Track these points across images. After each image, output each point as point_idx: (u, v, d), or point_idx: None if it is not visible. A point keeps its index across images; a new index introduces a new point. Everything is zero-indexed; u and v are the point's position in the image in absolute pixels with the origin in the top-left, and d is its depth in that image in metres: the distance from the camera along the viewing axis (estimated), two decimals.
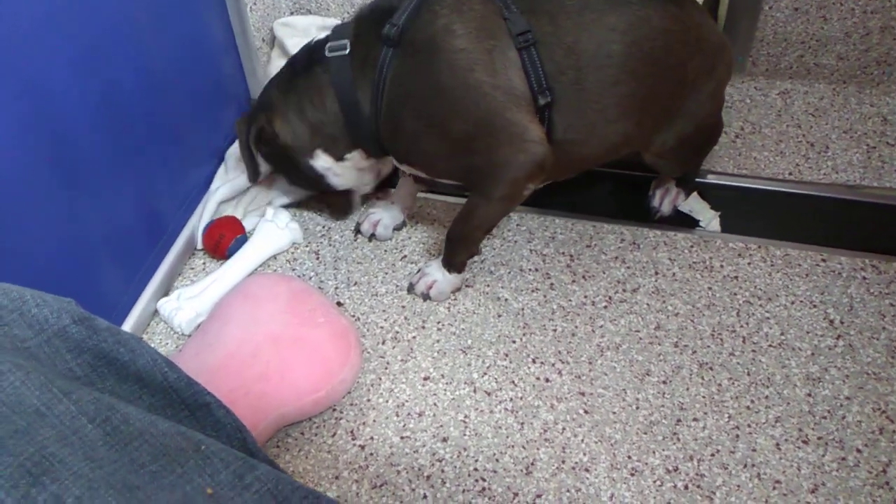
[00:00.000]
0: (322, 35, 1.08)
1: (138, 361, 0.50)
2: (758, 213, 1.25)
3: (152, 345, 1.13)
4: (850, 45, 1.39)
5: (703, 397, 1.00)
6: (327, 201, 1.28)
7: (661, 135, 1.09)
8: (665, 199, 1.24)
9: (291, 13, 1.56)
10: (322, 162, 1.12)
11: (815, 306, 1.10)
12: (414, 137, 1.02)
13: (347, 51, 1.02)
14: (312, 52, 1.07)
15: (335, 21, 1.54)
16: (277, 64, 1.44)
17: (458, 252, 1.12)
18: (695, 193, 1.24)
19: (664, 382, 1.02)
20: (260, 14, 1.41)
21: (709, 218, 1.22)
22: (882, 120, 1.37)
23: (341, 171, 1.14)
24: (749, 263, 1.16)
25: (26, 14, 0.84)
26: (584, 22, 0.96)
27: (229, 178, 1.29)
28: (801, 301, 1.10)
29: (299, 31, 1.45)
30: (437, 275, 1.13)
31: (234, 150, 1.33)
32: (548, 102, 0.96)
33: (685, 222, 1.24)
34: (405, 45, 0.97)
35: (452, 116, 0.96)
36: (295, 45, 1.40)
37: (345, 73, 1.02)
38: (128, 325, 1.10)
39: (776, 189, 1.28)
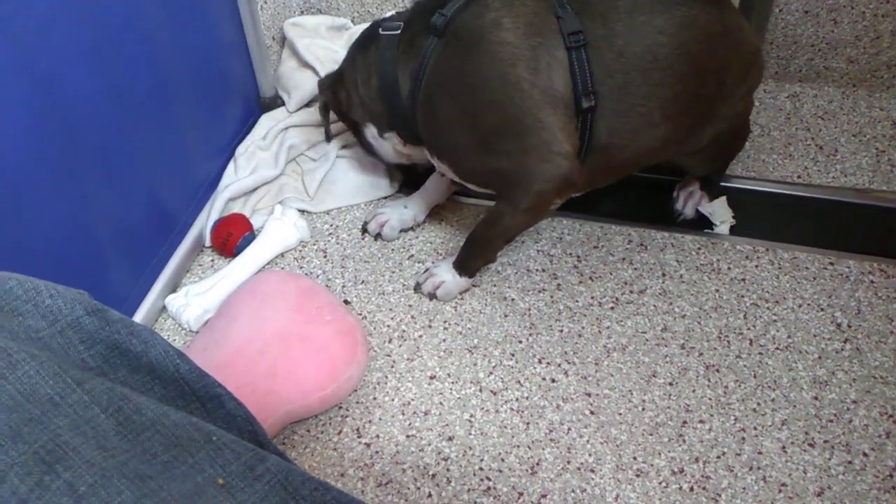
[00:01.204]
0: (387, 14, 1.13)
1: (150, 353, 0.51)
2: (766, 216, 1.24)
3: None
4: (860, 48, 1.39)
5: (710, 399, 1.00)
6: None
7: (696, 137, 1.09)
8: (689, 202, 1.24)
9: (302, 12, 1.56)
10: (371, 132, 1.16)
11: (822, 310, 1.09)
12: (446, 126, 1.02)
13: (398, 32, 1.05)
14: (371, 29, 1.10)
15: (346, 20, 1.54)
16: (288, 64, 1.44)
17: (475, 257, 1.12)
18: (723, 198, 1.24)
19: (670, 384, 1.02)
20: (270, 13, 1.42)
21: (726, 223, 1.22)
22: (892, 124, 1.36)
23: (385, 146, 1.18)
24: (757, 266, 1.16)
25: (38, 8, 0.85)
26: (635, 24, 0.96)
27: (238, 177, 1.29)
28: (809, 304, 1.10)
29: (310, 31, 1.46)
30: (447, 276, 1.13)
31: (244, 147, 1.34)
32: (591, 106, 0.96)
33: (694, 224, 1.24)
34: (450, 34, 0.98)
35: (485, 108, 0.97)
36: (305, 45, 1.41)
37: (389, 53, 1.04)
38: (136, 321, 1.11)
39: (785, 192, 1.28)
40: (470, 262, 1.12)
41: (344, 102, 1.16)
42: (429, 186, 1.25)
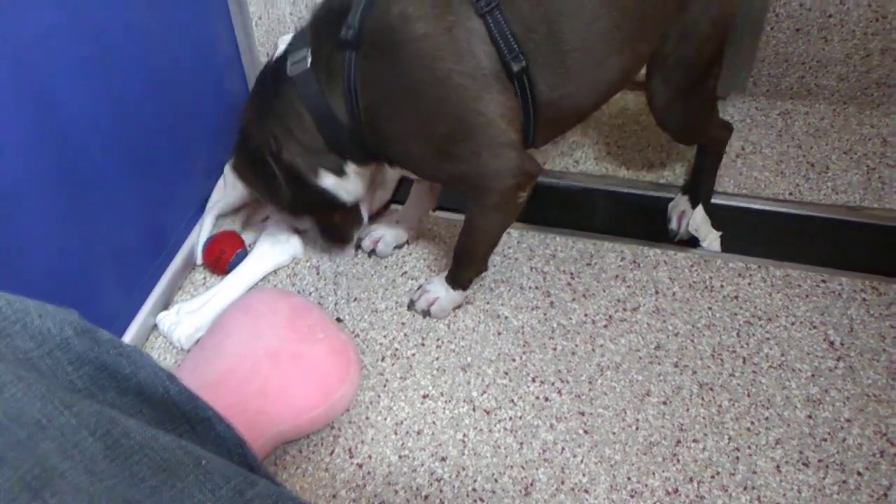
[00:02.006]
0: (281, 49, 1.01)
1: (139, 374, 0.50)
2: (758, 233, 1.25)
3: None
4: (850, 66, 1.40)
5: (704, 418, 1.00)
6: (330, 227, 1.18)
7: (659, 56, 1.03)
8: (683, 222, 1.24)
9: (296, 29, 1.57)
10: (328, 181, 1.05)
11: (815, 327, 1.09)
12: (398, 141, 0.97)
13: (309, 62, 0.95)
14: (277, 76, 0.99)
15: None
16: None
17: (464, 268, 1.11)
18: (700, 208, 1.24)
19: (664, 403, 1.02)
20: (265, 29, 1.42)
21: (710, 238, 1.22)
22: (882, 141, 1.37)
23: (349, 184, 1.07)
24: (749, 283, 1.16)
25: (35, 25, 0.85)
26: None
27: (227, 193, 1.29)
28: (802, 322, 1.10)
29: None
30: (440, 291, 1.13)
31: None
32: (522, 67, 0.90)
33: (686, 241, 1.24)
34: (366, 44, 0.91)
35: (428, 117, 0.92)
36: None
37: (311, 87, 0.95)
38: (127, 339, 1.10)
39: (777, 209, 1.28)
40: (461, 273, 1.12)
41: (279, 162, 1.01)
42: (414, 197, 1.25)
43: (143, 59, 1.06)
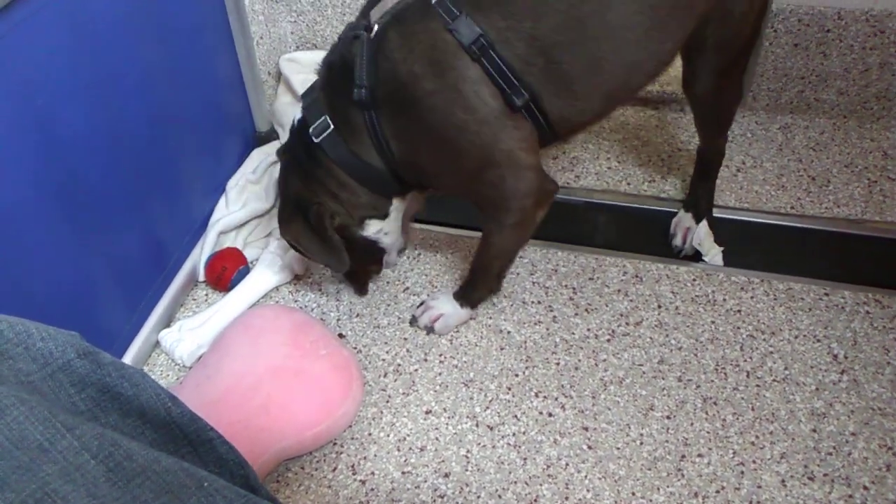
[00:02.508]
0: (297, 116, 1.04)
1: (142, 396, 0.50)
2: (760, 247, 1.25)
3: (153, 377, 1.12)
4: (849, 80, 1.41)
5: (708, 433, 0.99)
6: (362, 277, 1.21)
7: (696, 43, 1.03)
8: (688, 238, 1.24)
9: (297, 48, 1.58)
10: (373, 228, 1.07)
11: (818, 341, 1.09)
12: (434, 176, 1.02)
13: (332, 128, 0.98)
14: (305, 143, 1.01)
15: None
16: (283, 99, 1.45)
17: (478, 286, 1.12)
18: (704, 222, 1.24)
19: (668, 417, 1.01)
20: (266, 49, 1.43)
21: (713, 253, 1.22)
22: (883, 154, 1.38)
23: (393, 224, 1.10)
24: (752, 297, 1.16)
25: (37, 51, 0.85)
26: None
27: (230, 210, 1.29)
28: (805, 335, 1.10)
29: (305, 67, 1.47)
30: (447, 307, 1.13)
31: (234, 181, 1.34)
32: (527, 99, 0.91)
33: (689, 255, 1.24)
34: (384, 103, 0.94)
35: (458, 156, 0.96)
36: (301, 80, 1.42)
37: (340, 148, 0.98)
38: (129, 356, 1.10)
39: (778, 223, 1.28)
40: (474, 292, 1.12)
41: (333, 225, 1.04)
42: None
43: (145, 81, 1.07)
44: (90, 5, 0.93)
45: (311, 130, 0.99)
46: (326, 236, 1.03)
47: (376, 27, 0.94)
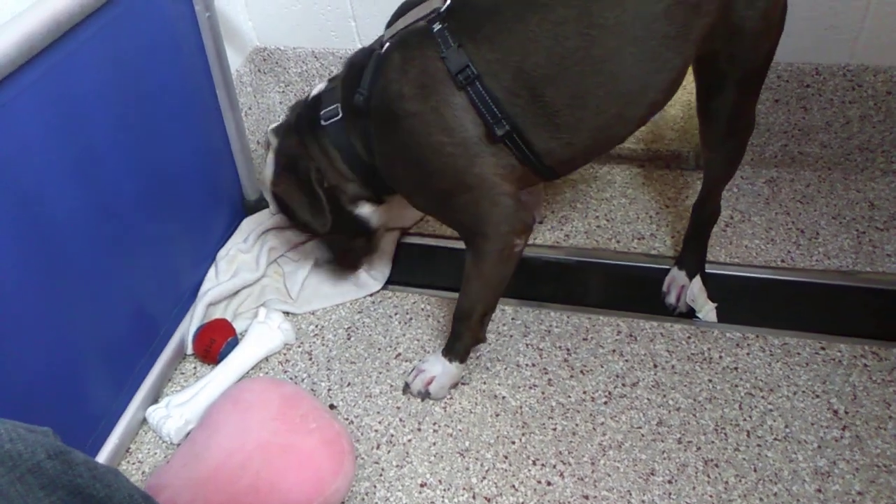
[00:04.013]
0: (316, 90, 1.13)
1: (114, 497, 0.48)
2: (753, 302, 1.24)
3: (140, 455, 1.09)
4: (831, 133, 1.42)
5: (711, 497, 0.96)
6: (348, 251, 1.32)
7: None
8: (682, 296, 1.23)
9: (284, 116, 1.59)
10: (366, 209, 1.17)
11: (817, 396, 1.07)
12: (408, 192, 1.07)
13: (339, 116, 1.07)
14: (312, 119, 1.10)
15: None
16: (273, 169, 1.46)
17: (462, 335, 1.09)
18: (697, 279, 1.24)
19: (670, 482, 0.99)
20: (255, 118, 1.44)
21: (706, 309, 1.21)
22: (869, 205, 1.38)
23: (383, 213, 1.19)
24: (748, 353, 1.14)
25: (21, 130, 0.86)
26: (528, 30, 0.90)
27: (219, 281, 1.28)
28: (804, 391, 1.08)
29: None
30: (437, 367, 1.11)
31: (225, 251, 1.34)
32: (507, 131, 0.93)
33: (682, 313, 1.23)
34: (373, 113, 1.01)
35: (429, 177, 0.99)
36: None
37: (341, 137, 1.07)
38: (115, 435, 1.07)
39: (770, 277, 1.28)
40: (459, 342, 1.10)
41: (324, 190, 1.11)
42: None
43: (132, 155, 1.07)
44: (75, 85, 0.94)
45: (322, 113, 1.08)
46: (314, 193, 1.10)
47: (387, 45, 1.00)
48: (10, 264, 0.86)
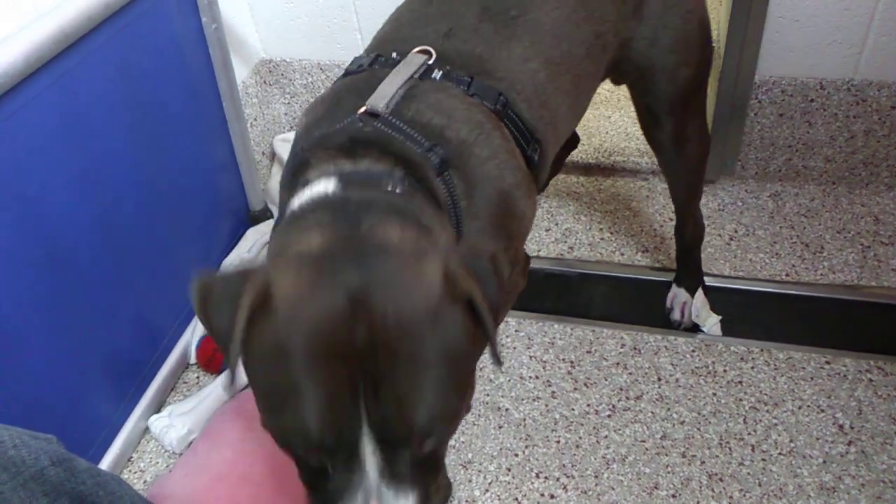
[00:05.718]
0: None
1: None
2: (758, 316, 1.24)
3: (142, 464, 1.09)
4: (836, 147, 1.42)
5: None
6: None
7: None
8: (686, 311, 1.23)
9: (290, 128, 1.60)
10: None
11: (822, 411, 1.07)
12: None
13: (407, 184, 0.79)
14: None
15: None
16: (277, 179, 1.46)
17: None
18: (699, 293, 1.24)
19: (674, 496, 0.98)
20: (260, 129, 1.45)
21: (710, 322, 1.21)
22: (874, 219, 1.38)
23: None
24: (752, 367, 1.14)
25: (27, 142, 0.86)
26: (524, 49, 0.84)
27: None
28: (809, 406, 1.08)
29: None
30: None
31: (229, 261, 1.34)
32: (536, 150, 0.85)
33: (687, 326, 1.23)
34: (451, 168, 0.78)
35: (509, 221, 0.82)
36: None
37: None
38: (118, 444, 1.07)
39: (775, 291, 1.27)
40: None
41: None
42: None
43: (137, 165, 1.08)
44: (81, 95, 0.95)
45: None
46: None
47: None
48: (15, 273, 0.86)
